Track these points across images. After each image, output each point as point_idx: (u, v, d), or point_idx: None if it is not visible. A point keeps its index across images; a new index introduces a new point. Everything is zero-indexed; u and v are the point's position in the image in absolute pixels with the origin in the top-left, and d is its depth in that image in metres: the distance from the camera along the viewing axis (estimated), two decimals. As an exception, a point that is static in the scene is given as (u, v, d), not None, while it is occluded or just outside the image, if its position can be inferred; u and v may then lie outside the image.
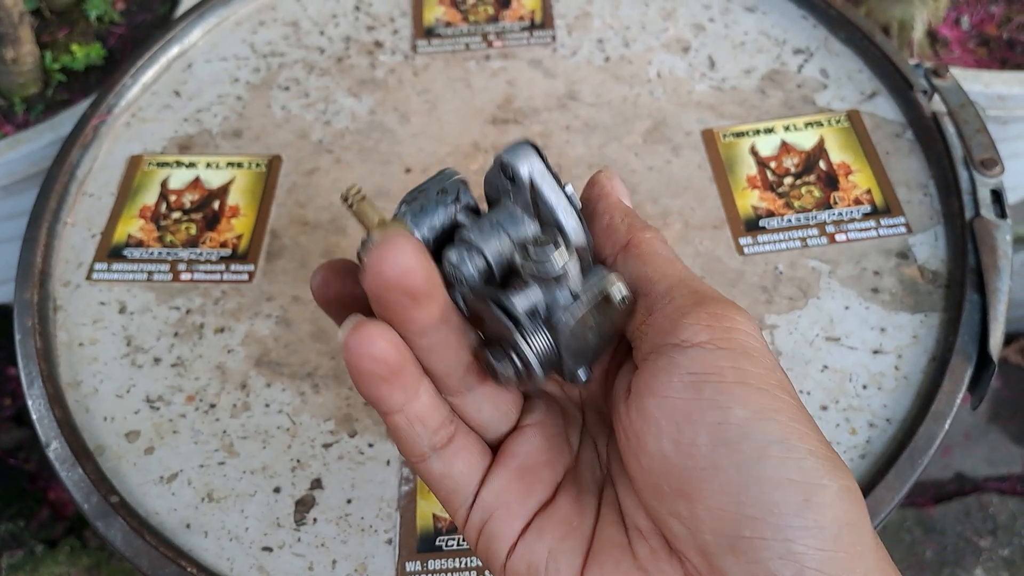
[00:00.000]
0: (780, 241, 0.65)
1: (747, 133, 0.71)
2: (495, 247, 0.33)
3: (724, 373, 0.30)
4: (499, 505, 0.34)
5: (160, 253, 0.68)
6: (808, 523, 0.28)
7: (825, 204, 0.67)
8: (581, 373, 0.33)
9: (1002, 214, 0.63)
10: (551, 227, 0.33)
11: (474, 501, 0.35)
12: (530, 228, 0.33)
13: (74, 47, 1.04)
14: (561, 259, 0.31)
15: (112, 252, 0.68)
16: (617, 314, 0.33)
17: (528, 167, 0.33)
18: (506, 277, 0.33)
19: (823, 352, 0.60)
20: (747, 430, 0.29)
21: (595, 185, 0.37)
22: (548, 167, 0.33)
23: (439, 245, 0.33)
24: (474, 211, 0.34)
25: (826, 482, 0.29)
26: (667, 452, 0.30)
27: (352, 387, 0.60)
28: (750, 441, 0.29)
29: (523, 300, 0.31)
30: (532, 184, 0.33)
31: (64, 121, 0.96)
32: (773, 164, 0.69)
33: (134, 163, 0.73)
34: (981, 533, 1.17)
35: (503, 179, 0.34)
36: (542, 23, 0.81)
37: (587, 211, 0.36)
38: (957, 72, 0.98)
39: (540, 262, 0.31)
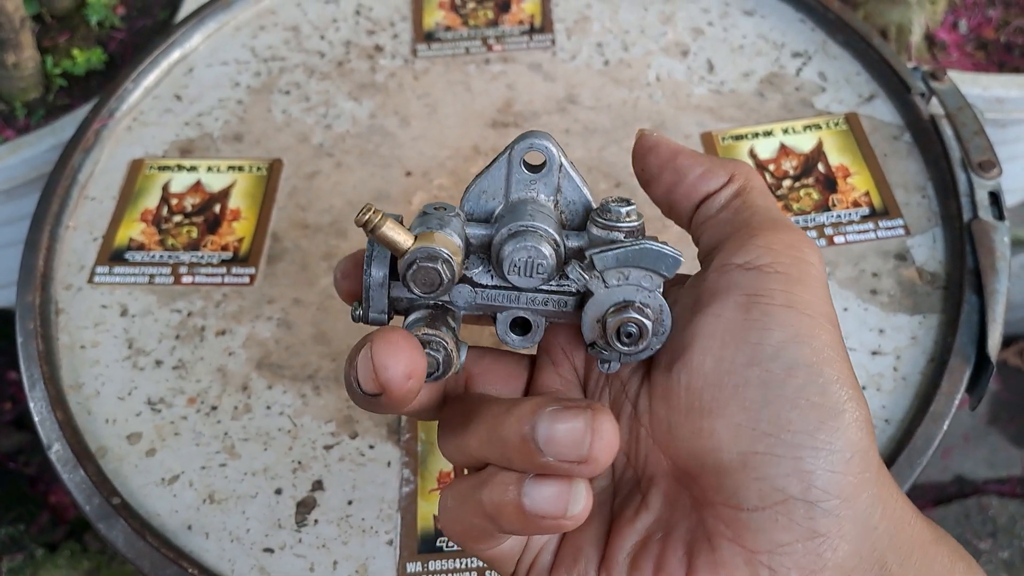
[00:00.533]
0: (779, 243, 0.65)
1: (746, 136, 0.72)
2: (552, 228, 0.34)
3: (774, 295, 0.31)
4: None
5: (161, 256, 0.68)
6: (819, 444, 0.29)
7: (824, 206, 0.67)
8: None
9: (1000, 216, 0.64)
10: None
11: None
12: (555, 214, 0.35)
13: (75, 52, 1.04)
14: (638, 214, 0.34)
15: (114, 255, 0.68)
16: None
17: (555, 147, 0.35)
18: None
19: (822, 353, 0.60)
20: (780, 351, 0.30)
21: (649, 147, 0.37)
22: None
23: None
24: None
25: (844, 408, 0.30)
26: (707, 368, 0.31)
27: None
28: (780, 361, 0.30)
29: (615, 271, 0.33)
30: (562, 165, 0.35)
31: (65, 126, 0.96)
32: (772, 167, 0.69)
33: (135, 167, 0.74)
34: (981, 535, 1.18)
35: (520, 170, 0.35)
36: (541, 27, 0.81)
37: (658, 174, 0.37)
38: (955, 75, 0.98)
39: (618, 217, 0.34)
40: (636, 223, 0.34)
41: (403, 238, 0.32)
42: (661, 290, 0.33)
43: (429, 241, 0.32)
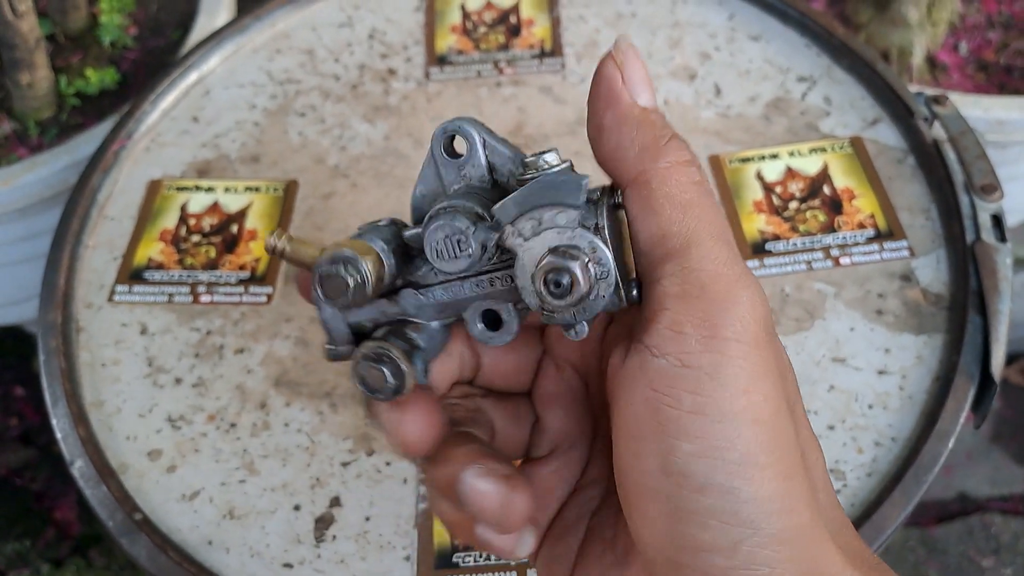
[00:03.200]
0: (786, 264, 0.67)
1: (753, 159, 0.73)
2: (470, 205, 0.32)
3: (681, 399, 0.28)
4: None
5: (180, 275, 0.69)
6: (737, 564, 0.28)
7: (830, 228, 0.68)
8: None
9: (1002, 238, 0.65)
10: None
11: None
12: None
13: (88, 72, 1.05)
14: (559, 157, 0.31)
15: (133, 274, 0.70)
16: None
17: (471, 126, 0.33)
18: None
19: (829, 373, 0.61)
20: (690, 466, 0.28)
21: (601, 82, 0.31)
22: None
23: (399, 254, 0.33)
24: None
25: (760, 526, 0.28)
26: (625, 464, 0.30)
27: (369, 407, 0.62)
28: (691, 479, 0.28)
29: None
30: (485, 140, 0.33)
31: (79, 145, 0.97)
32: (778, 189, 0.71)
33: (154, 187, 0.75)
34: (984, 553, 1.18)
35: (445, 160, 0.33)
36: (552, 51, 0.83)
37: (592, 121, 0.32)
38: (956, 97, 0.99)
39: (542, 165, 0.31)
40: (561, 167, 0.31)
41: (311, 252, 0.32)
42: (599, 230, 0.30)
43: (334, 249, 0.31)
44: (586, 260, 0.29)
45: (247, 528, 0.58)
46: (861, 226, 0.68)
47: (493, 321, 0.33)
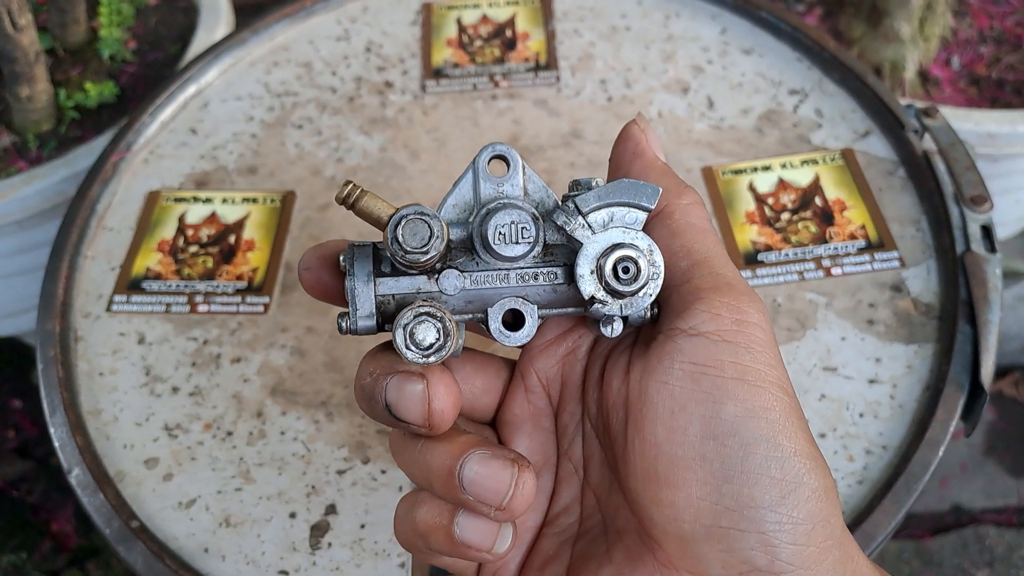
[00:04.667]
0: (778, 274, 0.67)
1: (745, 170, 0.74)
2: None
3: (723, 367, 0.31)
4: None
5: (178, 286, 0.70)
6: (782, 518, 0.30)
7: (821, 239, 0.69)
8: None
9: (992, 249, 0.66)
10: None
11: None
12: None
13: (87, 85, 1.06)
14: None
15: (131, 284, 0.70)
16: None
17: (516, 153, 0.35)
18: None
19: (821, 382, 0.62)
20: (737, 426, 0.31)
21: (628, 140, 0.37)
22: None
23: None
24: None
25: (805, 480, 0.31)
26: (659, 438, 0.32)
27: (364, 415, 0.62)
28: (738, 437, 0.31)
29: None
30: (524, 166, 0.35)
31: (78, 157, 0.98)
32: (771, 200, 0.72)
33: (152, 198, 0.76)
34: (978, 565, 1.19)
35: (487, 177, 0.35)
36: (547, 64, 0.83)
37: (620, 170, 0.37)
38: (948, 111, 1.00)
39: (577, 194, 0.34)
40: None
41: (385, 206, 0.33)
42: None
43: (413, 205, 0.33)
44: (647, 259, 0.33)
45: (243, 536, 0.58)
46: (852, 237, 0.69)
47: (514, 321, 0.35)
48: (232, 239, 0.72)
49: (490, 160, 0.36)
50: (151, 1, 1.19)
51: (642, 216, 0.34)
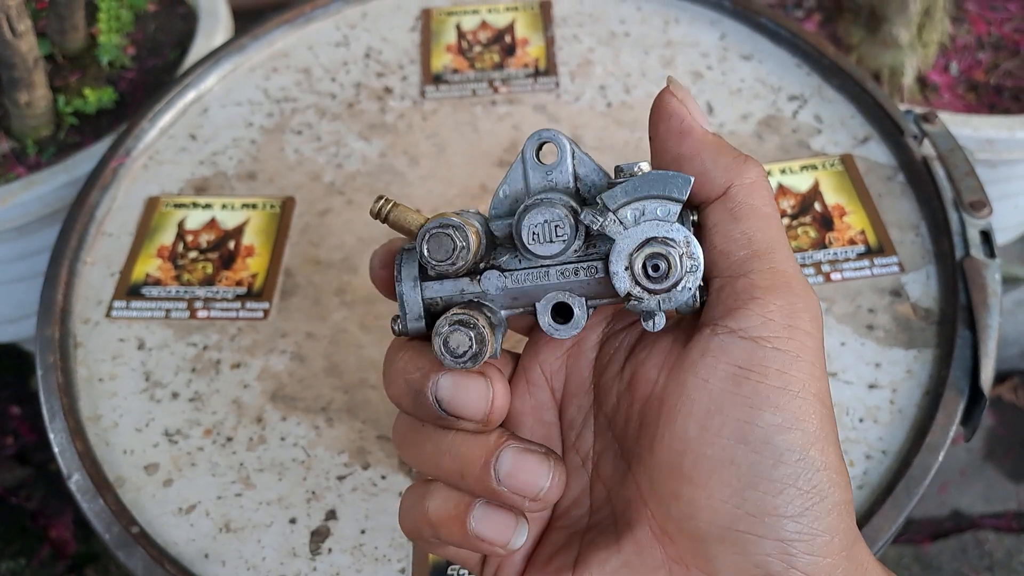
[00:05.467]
0: (778, 280, 0.67)
1: (745, 176, 0.74)
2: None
3: (768, 374, 0.31)
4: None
5: (177, 291, 0.70)
6: (803, 529, 0.30)
7: (821, 244, 0.69)
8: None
9: (991, 254, 0.66)
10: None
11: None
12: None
13: (86, 91, 1.06)
14: (650, 167, 0.34)
15: (131, 290, 0.70)
16: None
17: (564, 137, 0.35)
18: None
19: (821, 387, 0.62)
20: (771, 435, 0.30)
21: (671, 117, 0.34)
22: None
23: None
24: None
25: (829, 494, 0.31)
26: (691, 434, 0.32)
27: (364, 420, 0.62)
28: (771, 446, 0.30)
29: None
30: (574, 151, 0.35)
31: (77, 163, 0.98)
32: (770, 206, 0.72)
33: (152, 204, 0.76)
34: (978, 570, 1.19)
35: (535, 165, 0.36)
36: (546, 70, 0.84)
37: (667, 153, 0.35)
38: (947, 117, 1.01)
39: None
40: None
41: (415, 217, 0.34)
42: (690, 225, 0.33)
43: (442, 216, 0.33)
44: (681, 252, 0.33)
45: (243, 541, 0.58)
46: (852, 242, 0.69)
47: (563, 314, 0.35)
48: (232, 245, 0.72)
49: (539, 147, 0.36)
50: (150, 7, 1.19)
51: (675, 208, 0.33)
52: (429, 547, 0.36)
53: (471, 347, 0.33)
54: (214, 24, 1.11)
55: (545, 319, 0.35)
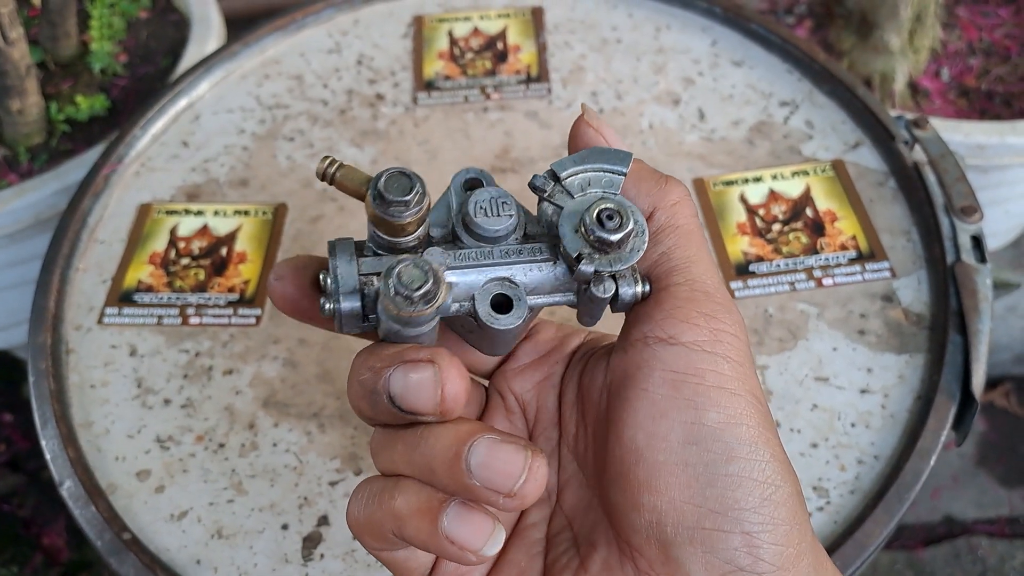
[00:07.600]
0: (769, 285, 0.68)
1: (736, 182, 0.74)
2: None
3: (704, 375, 0.32)
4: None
5: (169, 298, 0.70)
6: (765, 519, 0.31)
7: (812, 250, 0.69)
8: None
9: (982, 259, 0.66)
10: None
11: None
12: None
13: (78, 98, 1.06)
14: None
15: (123, 297, 0.70)
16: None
17: (490, 177, 0.36)
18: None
19: (812, 392, 0.62)
20: (720, 432, 0.31)
21: (588, 146, 0.35)
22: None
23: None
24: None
25: (781, 484, 0.31)
26: (639, 443, 0.32)
27: (356, 426, 0.62)
28: (721, 442, 0.31)
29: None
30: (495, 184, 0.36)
31: (69, 171, 0.98)
32: (762, 211, 0.72)
33: (144, 211, 0.76)
34: (971, 575, 1.19)
35: (463, 196, 0.35)
36: (538, 76, 0.84)
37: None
38: (938, 122, 1.01)
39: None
40: None
41: (361, 177, 0.33)
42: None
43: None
44: (631, 208, 0.33)
45: (235, 548, 0.58)
46: (843, 247, 0.69)
47: (502, 305, 0.34)
48: (224, 251, 0.72)
49: (465, 183, 0.36)
50: (142, 14, 1.19)
51: (618, 180, 0.34)
52: (380, 545, 0.34)
53: (426, 281, 0.30)
54: (206, 31, 1.11)
55: (484, 308, 0.33)
